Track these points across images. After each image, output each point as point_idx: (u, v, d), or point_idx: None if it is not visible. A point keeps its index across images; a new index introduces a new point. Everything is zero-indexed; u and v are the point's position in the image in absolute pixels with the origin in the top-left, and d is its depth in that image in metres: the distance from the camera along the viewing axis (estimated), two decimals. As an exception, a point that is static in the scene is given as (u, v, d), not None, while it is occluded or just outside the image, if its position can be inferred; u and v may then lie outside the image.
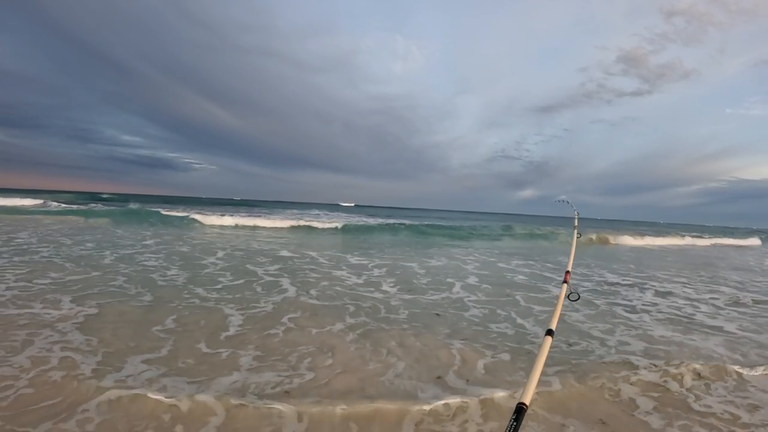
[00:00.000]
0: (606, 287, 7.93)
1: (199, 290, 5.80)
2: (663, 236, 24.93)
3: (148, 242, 10.88)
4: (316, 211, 37.76)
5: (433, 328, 4.63)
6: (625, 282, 8.68)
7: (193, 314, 4.68)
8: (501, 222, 31.74)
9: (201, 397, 2.73)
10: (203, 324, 4.37)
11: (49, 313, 4.42)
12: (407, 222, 22.50)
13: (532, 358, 3.90)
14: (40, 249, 8.68)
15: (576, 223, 3.32)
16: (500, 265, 10.39)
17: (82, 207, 21.50)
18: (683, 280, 9.47)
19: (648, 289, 7.97)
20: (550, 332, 1.33)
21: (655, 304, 6.52)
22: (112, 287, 5.70)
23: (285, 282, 6.72)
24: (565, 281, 1.86)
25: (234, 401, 2.71)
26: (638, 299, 6.90)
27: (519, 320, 5.21)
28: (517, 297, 6.55)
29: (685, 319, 5.66)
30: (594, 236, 21.18)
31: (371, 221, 22.87)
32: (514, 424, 0.92)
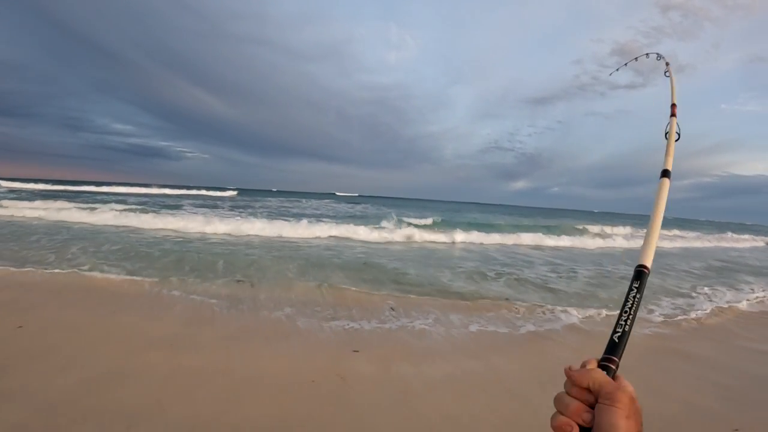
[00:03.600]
0: None
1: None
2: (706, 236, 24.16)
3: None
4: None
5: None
6: None
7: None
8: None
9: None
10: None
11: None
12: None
13: (375, 284, 6.23)
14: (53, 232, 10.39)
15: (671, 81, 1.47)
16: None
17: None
18: None
19: None
20: (666, 173, 1.00)
21: None
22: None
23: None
24: (673, 114, 1.35)
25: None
26: None
27: (412, 272, 7.32)
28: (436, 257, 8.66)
29: None
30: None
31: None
32: (637, 296, 0.71)
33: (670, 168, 1.03)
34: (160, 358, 3.39)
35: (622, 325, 0.68)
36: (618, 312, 0.70)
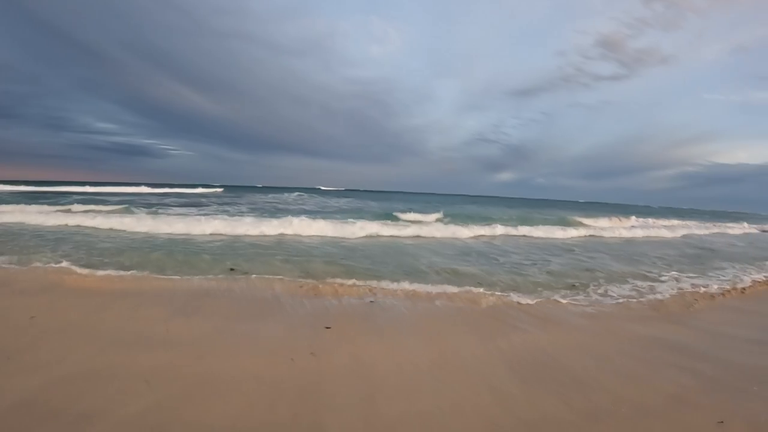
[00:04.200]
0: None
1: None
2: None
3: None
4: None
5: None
6: None
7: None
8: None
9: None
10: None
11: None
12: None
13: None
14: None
15: None
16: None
17: None
18: None
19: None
20: None
21: None
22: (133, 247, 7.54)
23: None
24: None
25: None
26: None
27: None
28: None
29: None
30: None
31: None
32: None
33: None
34: (133, 357, 3.29)
35: None
36: None
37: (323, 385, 3.03)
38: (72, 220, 11.69)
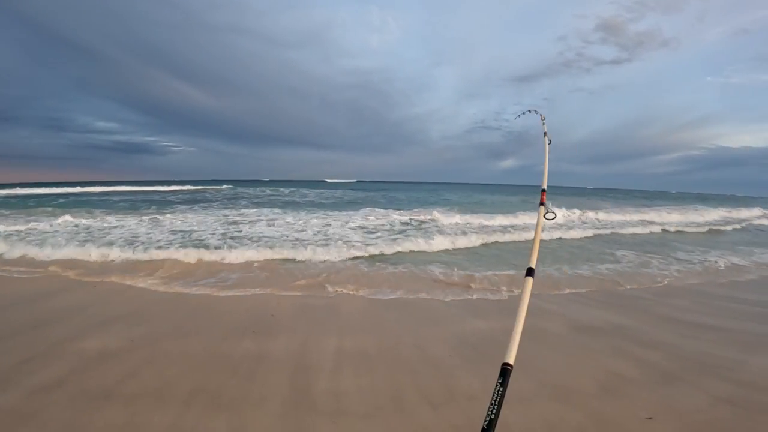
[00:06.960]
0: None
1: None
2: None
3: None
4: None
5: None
6: None
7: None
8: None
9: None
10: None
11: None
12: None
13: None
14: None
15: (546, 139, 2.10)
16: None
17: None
18: None
19: None
20: (530, 272, 1.09)
21: None
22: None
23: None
24: (541, 202, 1.47)
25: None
26: None
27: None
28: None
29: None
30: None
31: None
32: (501, 389, 0.83)
33: (534, 266, 1.12)
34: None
35: (489, 414, 0.80)
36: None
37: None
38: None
